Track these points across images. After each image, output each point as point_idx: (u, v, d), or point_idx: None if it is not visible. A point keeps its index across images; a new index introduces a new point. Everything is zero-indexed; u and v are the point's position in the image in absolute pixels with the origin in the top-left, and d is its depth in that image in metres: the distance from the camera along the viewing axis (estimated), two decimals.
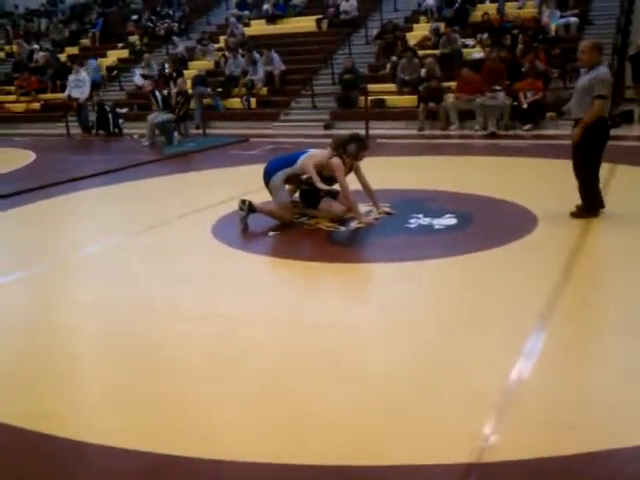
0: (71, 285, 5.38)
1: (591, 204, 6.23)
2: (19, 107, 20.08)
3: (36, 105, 19.80)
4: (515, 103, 13.39)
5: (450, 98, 14.09)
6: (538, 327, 3.95)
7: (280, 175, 6.63)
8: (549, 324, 4.01)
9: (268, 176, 6.70)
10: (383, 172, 7.06)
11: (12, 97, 20.47)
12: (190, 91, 15.69)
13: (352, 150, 6.65)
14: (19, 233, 7.19)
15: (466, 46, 16.15)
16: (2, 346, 4.18)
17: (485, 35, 16.08)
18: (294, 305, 4.71)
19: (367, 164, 6.93)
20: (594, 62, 6.08)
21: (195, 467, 2.79)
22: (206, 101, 16.76)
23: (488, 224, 6.39)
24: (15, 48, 23.39)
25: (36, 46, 22.44)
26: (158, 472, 2.79)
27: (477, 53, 15.48)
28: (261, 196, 6.91)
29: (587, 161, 6.13)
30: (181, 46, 20.17)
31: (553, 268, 4.94)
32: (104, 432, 3.08)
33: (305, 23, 19.94)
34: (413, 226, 6.36)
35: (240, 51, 18.17)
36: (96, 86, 19.64)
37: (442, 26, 16.87)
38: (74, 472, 2.87)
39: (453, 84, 14.29)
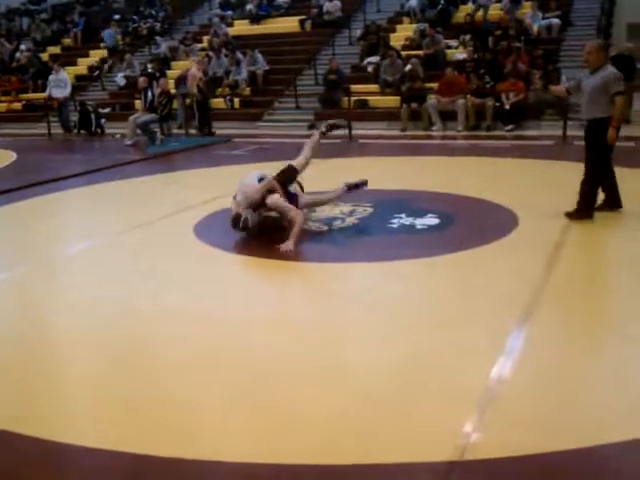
0: (56, 285, 5.34)
1: (587, 206, 6.15)
2: (0, 107, 19.90)
3: (18, 105, 19.63)
4: (497, 104, 13.48)
5: (432, 99, 14.16)
6: (520, 326, 3.98)
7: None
8: (531, 323, 4.03)
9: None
10: (366, 172, 7.07)
11: None
12: (173, 91, 15.62)
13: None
14: (1, 233, 7.13)
15: (449, 47, 16.24)
16: None
17: (468, 36, 16.16)
18: (278, 306, 4.71)
19: (350, 164, 6.96)
20: (600, 63, 6.09)
21: (182, 468, 2.78)
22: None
23: (470, 224, 6.42)
24: None
25: (22, 47, 22.24)
26: (143, 473, 2.78)
27: (460, 54, 15.56)
28: None
29: (599, 160, 6.11)
30: (164, 46, 20.08)
31: (534, 267, 4.97)
32: (89, 433, 3.06)
33: (288, 23, 19.91)
34: (395, 226, 6.37)
35: (223, 51, 18.13)
36: (113, 53, 20.50)
37: (427, 27, 16.93)
38: (61, 475, 2.84)
39: (436, 85, 14.35)
